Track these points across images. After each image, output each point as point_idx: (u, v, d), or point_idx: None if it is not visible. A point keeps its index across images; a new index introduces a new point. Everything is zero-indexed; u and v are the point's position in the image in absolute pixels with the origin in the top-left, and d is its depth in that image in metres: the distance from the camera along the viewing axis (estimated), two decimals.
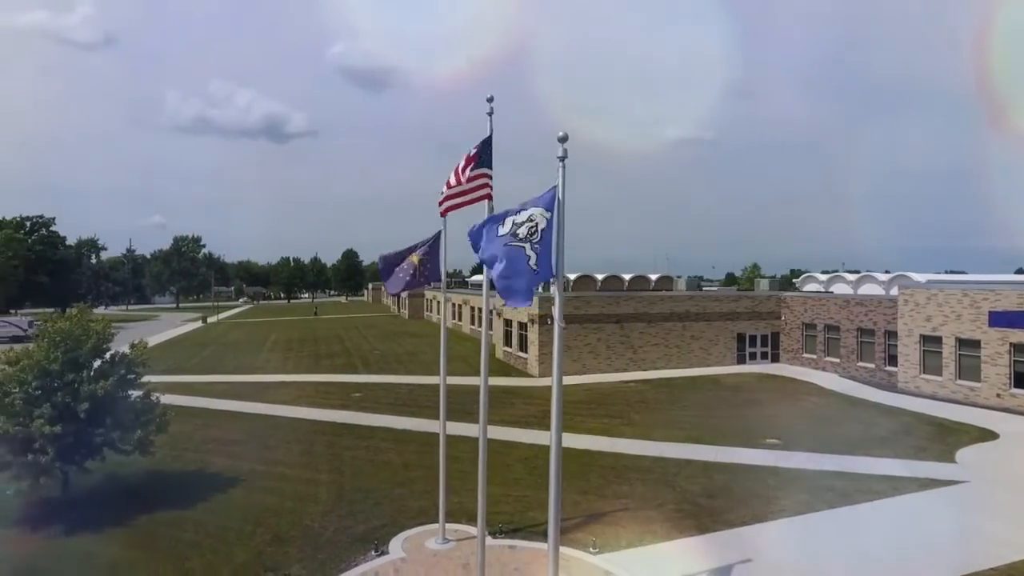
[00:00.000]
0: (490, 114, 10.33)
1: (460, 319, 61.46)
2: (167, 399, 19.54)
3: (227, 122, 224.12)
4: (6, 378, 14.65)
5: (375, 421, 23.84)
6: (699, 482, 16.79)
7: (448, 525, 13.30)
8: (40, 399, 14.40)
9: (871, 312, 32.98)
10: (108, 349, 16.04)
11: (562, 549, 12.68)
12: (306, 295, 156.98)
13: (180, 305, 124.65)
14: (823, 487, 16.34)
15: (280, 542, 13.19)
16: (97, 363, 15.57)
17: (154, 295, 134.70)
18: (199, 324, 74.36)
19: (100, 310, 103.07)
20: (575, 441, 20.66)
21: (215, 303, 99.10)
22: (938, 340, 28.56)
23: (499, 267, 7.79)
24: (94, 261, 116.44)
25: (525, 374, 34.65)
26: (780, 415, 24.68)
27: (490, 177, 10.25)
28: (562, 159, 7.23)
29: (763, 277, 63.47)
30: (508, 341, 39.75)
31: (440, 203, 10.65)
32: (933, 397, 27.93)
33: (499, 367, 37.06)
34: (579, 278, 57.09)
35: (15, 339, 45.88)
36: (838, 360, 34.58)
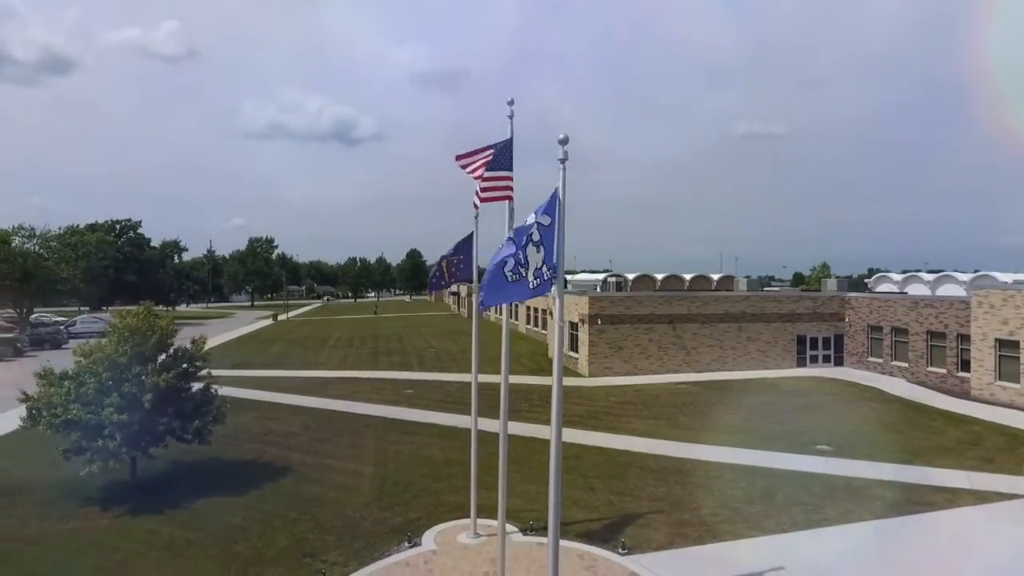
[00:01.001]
0: (511, 117, 10.53)
1: (516, 318, 61.87)
2: (234, 392, 20.81)
3: (300, 127, 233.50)
4: (81, 369, 15.96)
5: (423, 417, 24.47)
6: (740, 487, 16.45)
7: (482, 520, 13.59)
8: (110, 389, 15.59)
9: (942, 314, 31.19)
10: (171, 344, 17.20)
11: (590, 549, 12.86)
12: (372, 294, 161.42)
13: (254, 303, 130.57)
14: (872, 497, 15.71)
15: (321, 530, 13.84)
16: (161, 357, 16.73)
17: (232, 294, 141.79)
18: (270, 321, 77.79)
19: (182, 307, 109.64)
20: (616, 442, 20.62)
21: (286, 302, 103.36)
22: (1015, 344, 26.75)
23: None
24: (176, 261, 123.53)
25: (576, 374, 34.63)
26: (835, 421, 23.75)
27: (511, 179, 10.46)
28: (563, 161, 7.33)
29: (832, 277, 60.85)
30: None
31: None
32: (1010, 406, 26.18)
33: (550, 367, 37.12)
34: (638, 277, 56.65)
35: (104, 334, 49.25)
36: (906, 364, 32.87)
